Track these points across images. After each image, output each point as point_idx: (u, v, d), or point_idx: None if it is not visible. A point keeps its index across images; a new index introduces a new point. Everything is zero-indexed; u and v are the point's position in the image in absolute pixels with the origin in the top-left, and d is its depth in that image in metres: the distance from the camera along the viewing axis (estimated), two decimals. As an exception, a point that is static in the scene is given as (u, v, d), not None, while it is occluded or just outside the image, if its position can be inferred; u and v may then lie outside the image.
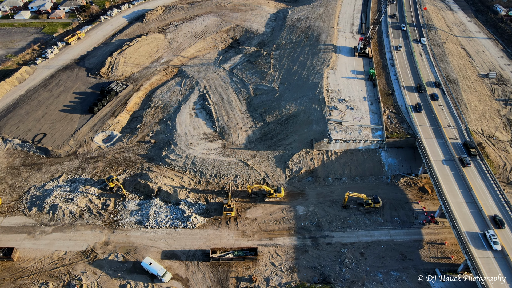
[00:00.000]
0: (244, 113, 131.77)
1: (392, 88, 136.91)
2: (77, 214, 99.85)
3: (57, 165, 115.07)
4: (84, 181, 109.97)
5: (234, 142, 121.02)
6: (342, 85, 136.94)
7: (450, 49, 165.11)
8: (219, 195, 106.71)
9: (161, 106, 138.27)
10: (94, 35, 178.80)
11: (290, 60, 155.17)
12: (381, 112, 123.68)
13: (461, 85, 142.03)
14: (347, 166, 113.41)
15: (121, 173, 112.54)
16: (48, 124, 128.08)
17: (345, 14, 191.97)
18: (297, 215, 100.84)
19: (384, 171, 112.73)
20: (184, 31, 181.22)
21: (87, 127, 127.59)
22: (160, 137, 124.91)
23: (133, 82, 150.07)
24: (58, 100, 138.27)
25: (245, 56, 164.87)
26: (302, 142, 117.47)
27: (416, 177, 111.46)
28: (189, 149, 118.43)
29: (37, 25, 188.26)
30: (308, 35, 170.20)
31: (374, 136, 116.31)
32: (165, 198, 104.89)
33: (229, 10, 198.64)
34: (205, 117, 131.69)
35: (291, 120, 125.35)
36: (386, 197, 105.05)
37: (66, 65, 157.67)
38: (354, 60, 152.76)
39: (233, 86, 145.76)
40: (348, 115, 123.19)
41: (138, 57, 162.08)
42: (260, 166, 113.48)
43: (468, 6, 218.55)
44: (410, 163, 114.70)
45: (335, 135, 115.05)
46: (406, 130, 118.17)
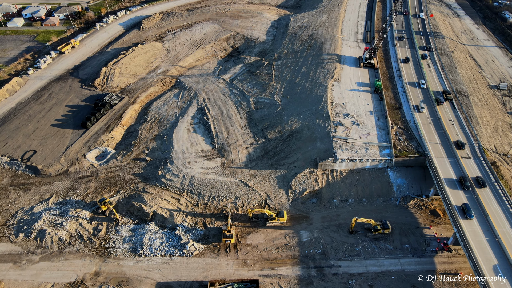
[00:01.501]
0: (244, 128, 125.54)
1: (400, 101, 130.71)
2: (66, 240, 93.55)
3: (47, 186, 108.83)
4: (75, 203, 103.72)
5: (234, 160, 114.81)
6: (347, 98, 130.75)
7: (458, 58, 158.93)
8: (218, 219, 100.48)
9: (157, 120, 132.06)
10: (89, 43, 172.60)
11: (292, 71, 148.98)
12: (388, 129, 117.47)
13: (472, 98, 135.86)
14: (353, 187, 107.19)
15: (114, 194, 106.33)
16: (39, 140, 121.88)
17: (349, 21, 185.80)
18: (301, 241, 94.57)
19: (392, 192, 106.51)
20: (182, 39, 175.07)
21: (80, 144, 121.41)
22: (156, 154, 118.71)
23: (128, 94, 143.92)
24: (50, 114, 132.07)
25: (246, 66, 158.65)
26: (305, 161, 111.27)
27: (426, 199, 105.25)
28: (186, 168, 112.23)
29: (31, 33, 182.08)
30: (311, 44, 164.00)
31: (382, 154, 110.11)
32: (161, 223, 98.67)
33: (229, 17, 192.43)
34: (204, 133, 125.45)
35: (294, 136, 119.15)
36: (395, 221, 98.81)
37: (59, 75, 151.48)
38: (359, 71, 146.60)
39: (233, 98, 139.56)
40: (354, 132, 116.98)
41: (135, 67, 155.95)
42: (262, 187, 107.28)
43: (475, 13, 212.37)
44: (420, 183, 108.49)
45: (341, 154, 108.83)
46: (416, 148, 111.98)
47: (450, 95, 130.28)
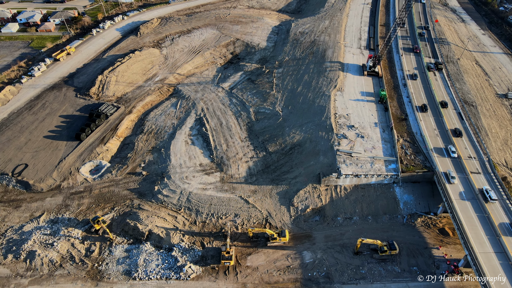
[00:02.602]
0: (244, 140, 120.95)
1: (405, 112, 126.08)
2: (57, 262, 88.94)
3: (38, 202, 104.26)
4: (67, 221, 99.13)
5: (234, 175, 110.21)
6: (351, 109, 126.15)
7: (465, 66, 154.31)
8: (216, 238, 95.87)
9: (154, 131, 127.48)
10: (85, 50, 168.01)
11: (294, 79, 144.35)
12: (394, 141, 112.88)
13: (480, 108, 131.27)
14: (358, 204, 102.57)
15: (108, 211, 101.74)
16: (31, 153, 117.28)
17: (351, 27, 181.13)
18: (303, 263, 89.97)
19: (399, 210, 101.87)
20: (180, 46, 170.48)
21: (73, 157, 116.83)
22: (153, 168, 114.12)
23: (125, 103, 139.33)
24: (43, 125, 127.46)
25: (246, 74, 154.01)
26: (308, 176, 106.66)
27: (435, 217, 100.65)
28: (184, 184, 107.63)
29: (25, 39, 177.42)
30: (313, 51, 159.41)
31: (388, 169, 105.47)
32: (157, 243, 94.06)
33: (228, 23, 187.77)
34: (202, 145, 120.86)
35: (296, 150, 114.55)
36: (402, 240, 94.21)
37: (53, 84, 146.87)
38: (363, 79, 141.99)
39: (233, 108, 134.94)
40: (359, 145, 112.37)
41: (131, 75, 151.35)
42: (262, 204, 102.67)
43: (481, 18, 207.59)
44: (428, 200, 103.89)
45: (345, 169, 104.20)
46: (423, 162, 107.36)
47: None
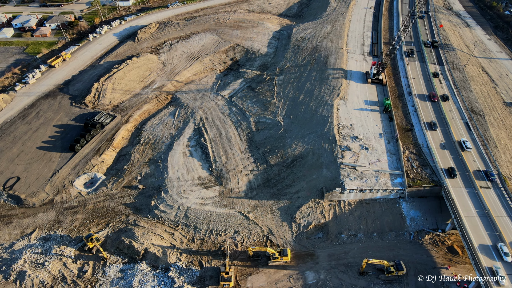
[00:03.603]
0: (244, 152, 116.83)
1: (411, 122, 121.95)
2: (48, 284, 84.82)
3: (30, 218, 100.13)
4: (59, 238, 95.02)
5: (233, 189, 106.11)
6: (354, 119, 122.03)
7: (471, 73, 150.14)
8: (215, 257, 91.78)
9: (151, 142, 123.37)
10: (81, 56, 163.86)
11: (295, 87, 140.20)
12: (400, 154, 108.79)
13: (488, 117, 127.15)
14: (363, 220, 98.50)
15: (102, 228, 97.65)
16: (23, 165, 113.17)
17: (354, 32, 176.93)
18: (306, 284, 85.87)
19: (405, 226, 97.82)
20: (179, 52, 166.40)
21: (67, 169, 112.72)
22: (150, 181, 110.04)
23: (121, 112, 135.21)
24: (37, 135, 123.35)
25: (246, 81, 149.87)
26: (311, 191, 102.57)
27: (443, 234, 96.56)
28: (181, 198, 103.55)
29: (20, 44, 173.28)
30: (315, 57, 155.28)
31: (394, 184, 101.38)
32: (153, 262, 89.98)
33: (228, 27, 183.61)
34: (201, 157, 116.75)
35: (298, 162, 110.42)
36: (409, 259, 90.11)
37: (48, 91, 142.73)
38: (366, 87, 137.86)
39: (233, 118, 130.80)
40: (363, 157, 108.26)
41: (128, 82, 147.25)
42: (263, 220, 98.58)
43: (486, 22, 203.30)
44: (436, 216, 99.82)
45: (349, 184, 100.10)
46: (430, 176, 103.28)
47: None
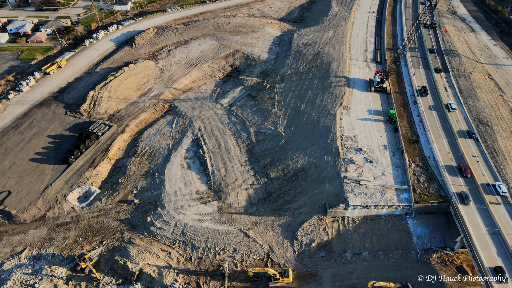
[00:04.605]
0: (244, 164, 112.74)
1: (417, 133, 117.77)
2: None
3: (21, 235, 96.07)
4: (50, 257, 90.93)
5: (233, 204, 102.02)
6: (358, 129, 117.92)
7: (477, 80, 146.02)
8: (213, 278, 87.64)
9: (148, 153, 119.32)
10: (77, 62, 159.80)
11: (297, 95, 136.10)
12: (406, 167, 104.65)
13: (496, 128, 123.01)
14: (367, 238, 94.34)
15: (96, 246, 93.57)
16: (15, 178, 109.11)
17: (357, 37, 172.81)
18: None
19: (412, 244, 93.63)
20: (177, 58, 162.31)
21: (60, 182, 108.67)
22: (146, 195, 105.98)
23: (117, 122, 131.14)
24: (30, 146, 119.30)
25: (246, 89, 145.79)
26: (313, 207, 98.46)
27: (451, 252, 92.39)
28: (179, 214, 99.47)
29: (15, 50, 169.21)
30: (316, 64, 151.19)
31: (400, 199, 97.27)
32: (148, 283, 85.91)
33: (228, 33, 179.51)
34: (199, 170, 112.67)
35: (299, 176, 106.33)
36: (416, 280, 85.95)
37: (42, 100, 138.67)
38: (370, 96, 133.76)
39: (232, 128, 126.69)
40: (367, 171, 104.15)
41: (125, 90, 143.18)
42: (264, 238, 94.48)
43: (491, 27, 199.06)
44: (444, 233, 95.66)
45: (353, 199, 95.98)
46: (437, 191, 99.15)
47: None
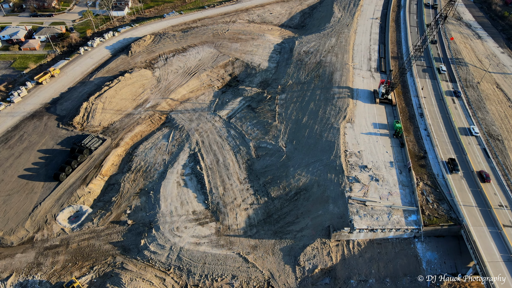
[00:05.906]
0: (243, 182, 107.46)
1: (424, 148, 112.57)
2: None
3: (7, 260, 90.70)
4: (38, 285, 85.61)
5: (231, 225, 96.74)
6: (362, 144, 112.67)
7: (486, 91, 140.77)
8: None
9: (143, 169, 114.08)
10: (71, 71, 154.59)
11: (298, 107, 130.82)
12: (414, 186, 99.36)
13: (506, 142, 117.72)
14: (374, 263, 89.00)
15: (86, 272, 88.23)
16: (3, 197, 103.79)
17: (360, 45, 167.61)
18: None
19: (421, 270, 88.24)
20: (175, 66, 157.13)
21: (50, 201, 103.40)
22: (140, 216, 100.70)
23: (112, 135, 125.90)
24: (19, 162, 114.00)
25: (245, 99, 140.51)
26: (316, 229, 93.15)
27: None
28: (174, 237, 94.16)
29: (7, 58, 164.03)
30: (319, 74, 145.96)
31: (408, 222, 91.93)
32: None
33: (227, 40, 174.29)
34: (196, 187, 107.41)
35: (301, 195, 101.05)
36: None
37: (34, 111, 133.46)
38: (375, 108, 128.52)
39: (231, 142, 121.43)
40: (373, 190, 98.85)
41: (120, 101, 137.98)
42: (264, 263, 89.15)
43: (498, 33, 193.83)
44: (455, 258, 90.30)
45: (359, 222, 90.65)
46: (447, 212, 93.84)
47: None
